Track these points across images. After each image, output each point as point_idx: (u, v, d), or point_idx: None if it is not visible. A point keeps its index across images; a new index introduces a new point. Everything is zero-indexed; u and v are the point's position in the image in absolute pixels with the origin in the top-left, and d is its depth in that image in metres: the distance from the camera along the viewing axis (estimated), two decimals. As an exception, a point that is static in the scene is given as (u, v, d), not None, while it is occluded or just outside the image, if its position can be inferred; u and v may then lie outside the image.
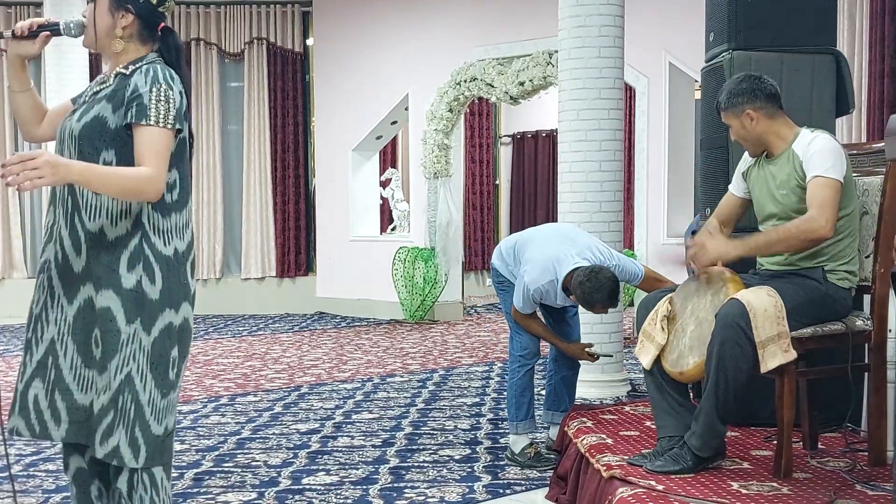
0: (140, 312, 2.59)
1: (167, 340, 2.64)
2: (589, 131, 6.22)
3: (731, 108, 3.53)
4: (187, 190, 2.70)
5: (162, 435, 2.64)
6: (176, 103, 2.58)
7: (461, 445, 5.05)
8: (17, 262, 11.65)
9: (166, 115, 2.57)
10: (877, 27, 7.28)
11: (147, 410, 2.60)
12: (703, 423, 3.37)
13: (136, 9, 2.67)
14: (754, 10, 4.28)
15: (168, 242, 2.63)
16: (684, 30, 8.59)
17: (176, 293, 2.64)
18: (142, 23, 2.69)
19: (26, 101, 2.86)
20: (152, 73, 2.61)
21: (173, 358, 2.66)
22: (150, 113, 2.55)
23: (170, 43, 2.72)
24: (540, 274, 4.44)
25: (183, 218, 2.67)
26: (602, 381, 6.22)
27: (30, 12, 11.40)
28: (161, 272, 2.61)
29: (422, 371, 7.47)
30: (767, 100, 3.50)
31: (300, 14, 11.91)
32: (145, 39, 2.71)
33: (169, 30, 2.74)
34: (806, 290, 3.39)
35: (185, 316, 2.68)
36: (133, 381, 2.59)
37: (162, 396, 2.63)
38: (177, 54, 2.71)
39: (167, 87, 2.58)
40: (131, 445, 2.59)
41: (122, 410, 2.58)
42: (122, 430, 2.58)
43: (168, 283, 2.62)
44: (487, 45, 10.27)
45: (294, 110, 12.00)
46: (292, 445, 5.10)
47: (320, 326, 10.56)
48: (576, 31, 6.22)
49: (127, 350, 2.58)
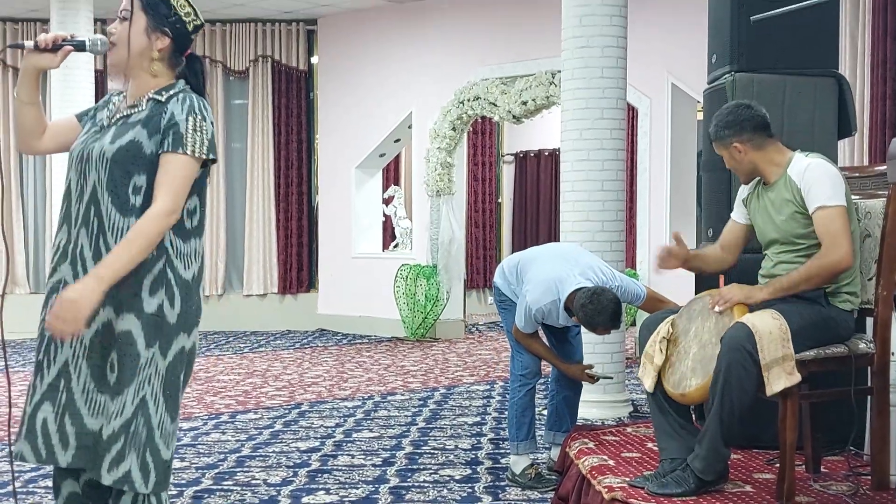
0: (159, 336, 2.59)
1: (179, 365, 2.64)
2: (591, 151, 6.23)
3: (719, 140, 3.60)
4: (205, 216, 2.75)
5: (169, 460, 2.63)
6: (209, 133, 2.64)
7: (462, 465, 5.03)
8: (19, 279, 11.65)
9: (201, 145, 2.61)
10: (879, 50, 7.30)
11: (157, 434, 2.59)
12: (707, 445, 3.36)
13: (173, 32, 2.69)
14: (757, 32, 4.29)
15: (188, 266, 2.66)
16: (687, 51, 8.62)
17: (190, 317, 2.66)
18: (174, 47, 2.71)
19: (32, 113, 2.85)
20: (189, 102, 2.65)
21: (181, 382, 2.67)
22: (186, 142, 2.60)
23: (197, 70, 2.76)
24: (542, 294, 4.44)
25: (200, 243, 2.72)
26: (604, 401, 6.20)
27: (36, 28, 11.45)
28: (180, 296, 2.63)
29: (423, 389, 7.46)
30: (754, 131, 3.52)
31: (305, 32, 11.95)
32: (173, 64, 2.73)
33: (195, 56, 2.78)
34: (808, 313, 3.39)
35: (195, 340, 2.70)
36: (147, 405, 2.58)
37: (171, 420, 2.63)
38: (203, 81, 2.76)
39: (202, 117, 2.63)
40: (142, 470, 2.57)
41: (135, 435, 2.56)
42: (133, 455, 2.56)
43: (185, 308, 2.64)
44: (491, 64, 10.30)
45: (298, 128, 12.03)
46: (292, 464, 5.09)
47: (321, 343, 10.55)
48: (579, 52, 6.24)
49: (144, 374, 2.57)
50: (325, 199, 11.97)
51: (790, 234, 3.46)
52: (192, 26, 2.72)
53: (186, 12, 2.71)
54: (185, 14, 2.71)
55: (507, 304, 4.82)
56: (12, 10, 11.24)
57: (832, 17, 4.66)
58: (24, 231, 11.70)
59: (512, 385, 4.80)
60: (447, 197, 10.67)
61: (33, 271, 11.72)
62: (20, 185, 11.66)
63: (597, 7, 6.19)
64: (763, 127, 3.54)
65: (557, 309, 4.44)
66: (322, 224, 12.00)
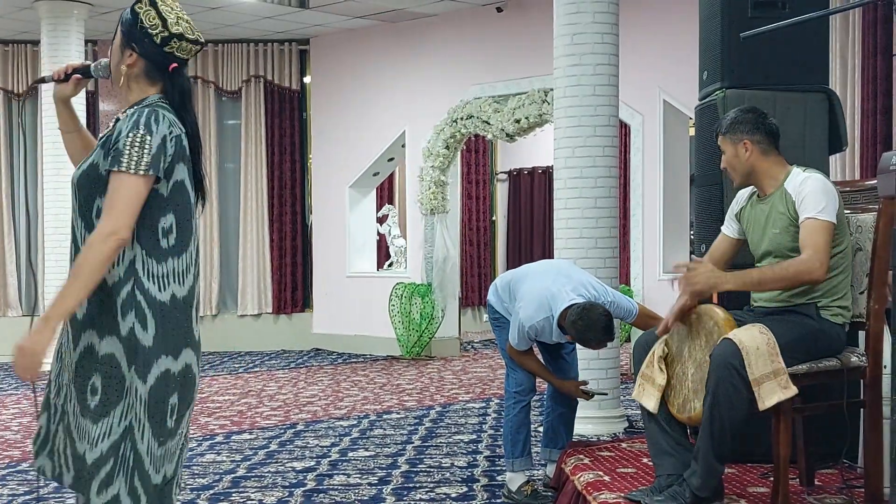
0: (134, 360, 2.53)
1: (164, 388, 2.56)
2: (584, 168, 6.25)
3: (730, 134, 3.58)
4: (188, 234, 2.62)
5: (160, 483, 2.59)
6: (152, 149, 2.50)
7: (458, 483, 5.03)
8: (11, 300, 11.63)
9: (139, 161, 2.49)
10: (869, 65, 7.34)
11: (146, 460, 2.55)
12: (701, 462, 3.36)
13: (141, 48, 2.61)
14: (747, 48, 4.31)
15: (164, 288, 2.56)
16: (678, 68, 8.65)
17: (173, 339, 2.56)
18: (148, 63, 2.63)
19: (74, 141, 2.89)
20: (135, 116, 2.55)
21: (172, 405, 2.58)
22: (122, 159, 2.49)
23: (175, 83, 2.65)
24: (535, 311, 4.44)
25: (182, 263, 2.60)
26: (599, 417, 6.20)
27: (27, 51, 11.47)
28: (155, 318, 2.54)
29: (418, 408, 7.45)
30: (766, 136, 3.55)
31: (297, 52, 11.99)
32: (155, 80, 2.65)
33: (178, 70, 2.66)
34: (800, 327, 3.40)
35: (187, 362, 2.60)
36: (132, 430, 2.54)
37: (159, 445, 2.57)
38: (181, 96, 2.65)
39: (145, 131, 2.51)
40: (131, 495, 2.55)
41: (122, 459, 2.54)
42: (122, 478, 2.54)
43: (164, 330, 2.54)
44: (483, 83, 10.33)
45: (291, 147, 12.04)
46: (288, 484, 5.07)
47: (316, 363, 10.53)
48: (571, 70, 6.27)
49: (129, 399, 2.53)
50: (319, 219, 11.98)
51: (783, 247, 3.47)
52: (159, 38, 2.60)
53: (153, 24, 2.60)
54: (152, 27, 2.60)
55: (500, 322, 4.83)
56: (3, 33, 11.26)
57: (822, 34, 4.69)
58: (16, 254, 11.68)
59: (507, 402, 4.80)
60: (441, 215, 10.68)
61: (26, 294, 11.69)
62: (11, 208, 11.66)
63: (588, 25, 6.22)
64: (775, 136, 3.57)
65: (551, 326, 4.44)
66: (316, 243, 12.00)
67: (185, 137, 2.60)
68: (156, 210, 2.55)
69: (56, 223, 10.11)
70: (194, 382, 2.64)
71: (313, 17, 10.85)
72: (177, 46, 2.62)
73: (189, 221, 2.62)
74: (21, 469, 5.53)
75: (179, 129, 2.59)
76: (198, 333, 2.67)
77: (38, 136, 11.25)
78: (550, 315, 4.42)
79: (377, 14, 10.75)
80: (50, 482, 4.10)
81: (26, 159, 11.73)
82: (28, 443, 6.31)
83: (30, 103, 11.63)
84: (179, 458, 2.67)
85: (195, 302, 2.65)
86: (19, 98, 11.63)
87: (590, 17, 6.22)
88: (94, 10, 10.21)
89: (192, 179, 2.65)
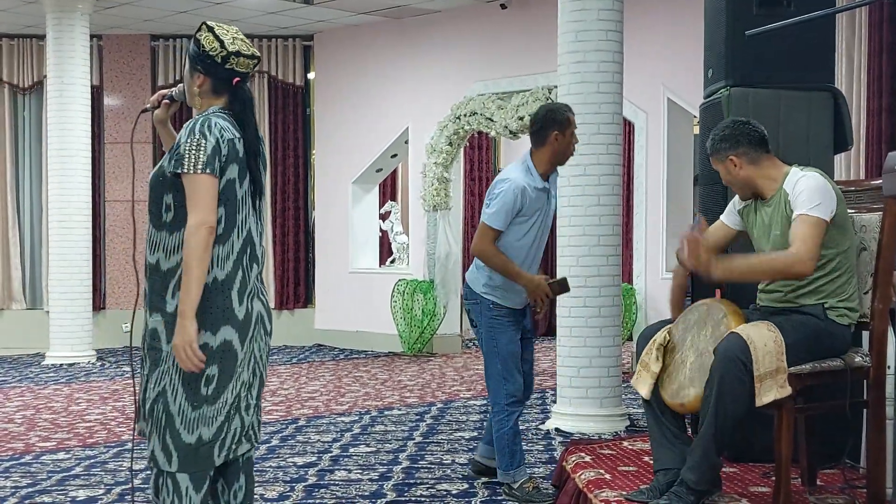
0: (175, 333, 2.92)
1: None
2: (588, 166, 6.24)
3: (715, 155, 3.64)
4: (232, 226, 2.99)
5: (195, 444, 2.97)
6: (207, 150, 2.90)
7: (459, 480, 5.02)
8: (15, 294, 11.63)
9: (196, 162, 2.89)
10: (874, 64, 7.32)
11: (177, 420, 2.95)
12: (699, 455, 3.37)
13: (204, 69, 3.04)
14: (752, 46, 4.30)
15: (209, 272, 2.93)
16: (683, 66, 8.64)
17: (213, 317, 2.94)
18: (214, 80, 3.05)
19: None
20: (191, 125, 2.95)
21: (210, 375, 2.95)
22: (184, 161, 2.90)
23: (237, 95, 3.06)
24: (512, 174, 4.56)
25: (224, 250, 2.97)
26: (600, 415, 6.20)
27: (33, 45, 11.47)
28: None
29: (420, 404, 7.45)
30: (750, 145, 3.55)
31: (301, 48, 11.98)
32: (220, 93, 3.06)
33: (240, 84, 3.06)
34: (805, 327, 3.40)
35: (226, 338, 2.97)
36: (166, 393, 2.96)
37: (193, 409, 2.96)
38: (241, 105, 3.05)
39: (200, 136, 2.92)
40: (164, 451, 2.96)
41: (157, 420, 2.97)
42: (156, 437, 2.98)
43: (203, 308, 2.91)
44: (487, 79, 10.32)
45: (295, 143, 12.04)
46: (289, 479, 5.07)
47: (318, 359, 10.54)
48: (575, 67, 6.26)
49: (164, 367, 2.96)
50: (322, 215, 11.97)
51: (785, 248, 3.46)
52: (219, 58, 3.01)
53: (213, 47, 3.01)
54: (212, 49, 3.01)
55: (476, 301, 4.70)
56: (8, 27, 11.27)
57: (828, 32, 4.68)
58: (21, 247, 11.69)
59: (498, 416, 4.62)
60: (444, 212, 10.68)
61: (30, 287, 11.70)
62: (16, 201, 11.66)
63: (593, 22, 6.21)
64: (760, 142, 3.57)
65: (530, 175, 4.53)
66: (319, 240, 12.00)
67: (240, 141, 2.99)
68: None
69: (60, 217, 10.11)
70: (236, 356, 2.99)
71: (317, 13, 10.84)
72: (236, 62, 3.04)
73: (234, 215, 2.99)
74: (24, 462, 5.53)
75: (233, 134, 2.98)
76: (244, 312, 3.01)
77: (42, 131, 11.27)
78: (525, 165, 4.57)
79: (381, 10, 10.74)
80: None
81: (31, 154, 11.73)
82: (31, 435, 6.32)
83: (35, 98, 11.63)
84: (227, 425, 3.01)
85: (240, 283, 2.99)
86: (25, 92, 11.63)
87: (594, 14, 6.21)
88: (98, 4, 10.20)
89: (250, 178, 3.02)
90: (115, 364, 10.07)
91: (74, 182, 10.09)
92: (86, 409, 7.40)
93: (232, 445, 3.05)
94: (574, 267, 6.21)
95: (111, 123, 11.73)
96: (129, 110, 11.70)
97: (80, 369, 9.70)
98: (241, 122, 3.03)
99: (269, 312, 3.17)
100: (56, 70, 10.06)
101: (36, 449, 5.91)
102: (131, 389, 8.24)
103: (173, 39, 11.72)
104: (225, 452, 3.03)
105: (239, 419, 3.05)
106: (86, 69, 10.22)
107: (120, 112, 11.76)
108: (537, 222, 4.60)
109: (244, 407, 3.07)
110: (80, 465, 5.42)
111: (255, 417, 3.13)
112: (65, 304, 10.12)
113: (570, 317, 6.27)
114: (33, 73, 11.57)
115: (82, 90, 10.14)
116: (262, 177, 3.09)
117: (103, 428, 6.59)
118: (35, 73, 11.55)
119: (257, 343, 3.08)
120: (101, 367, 9.87)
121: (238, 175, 2.99)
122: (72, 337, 10.14)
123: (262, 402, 3.35)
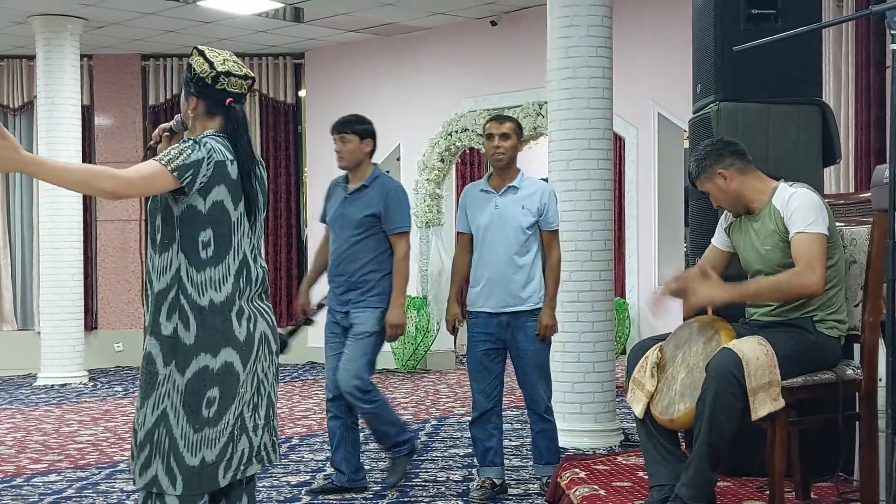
0: (175, 356, 2.91)
1: (202, 381, 2.92)
2: (579, 181, 6.26)
3: (703, 174, 3.61)
4: (225, 249, 2.96)
5: (198, 466, 2.93)
6: (187, 157, 2.86)
7: (453, 497, 5.01)
8: (6, 315, 11.60)
9: (172, 160, 2.85)
10: (862, 78, 7.36)
11: (181, 443, 2.91)
12: (694, 471, 3.36)
13: (197, 91, 3.04)
14: (741, 61, 4.32)
15: (203, 294, 2.93)
16: (672, 81, 8.68)
17: (212, 339, 2.92)
18: (207, 102, 3.04)
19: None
20: (183, 141, 2.94)
21: (210, 397, 2.93)
22: (164, 155, 2.88)
23: (231, 116, 3.05)
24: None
25: (219, 272, 2.95)
26: (595, 430, 6.19)
27: (23, 65, 11.48)
28: (196, 320, 2.92)
29: (414, 421, 7.43)
30: (734, 156, 3.57)
31: (292, 66, 12.00)
32: (214, 114, 3.05)
33: (233, 105, 3.05)
34: (795, 340, 3.41)
35: (227, 360, 2.94)
36: (168, 416, 2.92)
37: (195, 431, 2.92)
38: (234, 126, 3.03)
39: (193, 144, 2.90)
40: (168, 474, 2.92)
41: (158, 443, 2.93)
42: (159, 461, 2.92)
43: (203, 330, 2.91)
44: (478, 96, 10.35)
45: (286, 161, 12.05)
46: (283, 498, 5.06)
47: (311, 376, 10.51)
48: (565, 83, 6.28)
49: (162, 389, 2.93)
50: (315, 232, 11.96)
51: (775, 264, 3.48)
52: (210, 79, 3.01)
53: (203, 69, 3.01)
54: (202, 71, 3.01)
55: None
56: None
57: (815, 47, 4.71)
58: (12, 268, 11.66)
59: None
60: (436, 228, 10.69)
61: (21, 308, 11.66)
62: (7, 221, 11.64)
63: (582, 38, 6.24)
64: (743, 154, 3.59)
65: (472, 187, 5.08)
66: (311, 257, 11.96)
67: (232, 164, 2.96)
68: (196, 225, 2.92)
69: (51, 238, 10.09)
70: (237, 379, 2.96)
71: (308, 31, 10.87)
72: (227, 82, 3.03)
73: (227, 237, 2.97)
74: (15, 484, 5.50)
75: (224, 157, 2.95)
76: (244, 334, 2.97)
77: (33, 151, 11.25)
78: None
79: (372, 28, 10.77)
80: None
81: (21, 174, 11.70)
82: (21, 457, 6.29)
83: (25, 118, 11.63)
84: (233, 446, 2.98)
85: (237, 307, 2.97)
86: (15, 113, 11.63)
87: (584, 30, 6.24)
88: (88, 24, 10.21)
89: (244, 199, 2.99)
90: (107, 384, 10.03)
91: (65, 202, 10.07)
92: (77, 430, 7.36)
93: (240, 466, 3.01)
94: (567, 282, 6.19)
95: (102, 143, 11.72)
96: (119, 130, 11.70)
97: (72, 390, 9.67)
98: (233, 142, 3.01)
99: (276, 332, 3.14)
100: (46, 90, 10.06)
101: (27, 471, 5.88)
102: (123, 410, 8.22)
103: (164, 59, 11.72)
104: (232, 473, 3.00)
105: (246, 440, 3.01)
106: (76, 89, 10.22)
107: (110, 132, 11.75)
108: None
109: (252, 427, 3.03)
110: (72, 487, 5.40)
111: (266, 438, 3.08)
112: (56, 325, 10.09)
113: (563, 332, 6.26)
114: (23, 94, 11.58)
115: (72, 110, 10.14)
116: (257, 196, 3.05)
117: (95, 449, 6.56)
118: (25, 94, 11.55)
119: (261, 363, 3.04)
120: (93, 387, 9.83)
121: (230, 197, 2.95)
122: (63, 358, 10.10)
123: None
